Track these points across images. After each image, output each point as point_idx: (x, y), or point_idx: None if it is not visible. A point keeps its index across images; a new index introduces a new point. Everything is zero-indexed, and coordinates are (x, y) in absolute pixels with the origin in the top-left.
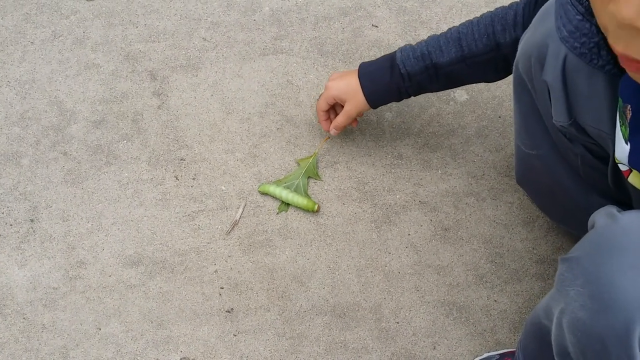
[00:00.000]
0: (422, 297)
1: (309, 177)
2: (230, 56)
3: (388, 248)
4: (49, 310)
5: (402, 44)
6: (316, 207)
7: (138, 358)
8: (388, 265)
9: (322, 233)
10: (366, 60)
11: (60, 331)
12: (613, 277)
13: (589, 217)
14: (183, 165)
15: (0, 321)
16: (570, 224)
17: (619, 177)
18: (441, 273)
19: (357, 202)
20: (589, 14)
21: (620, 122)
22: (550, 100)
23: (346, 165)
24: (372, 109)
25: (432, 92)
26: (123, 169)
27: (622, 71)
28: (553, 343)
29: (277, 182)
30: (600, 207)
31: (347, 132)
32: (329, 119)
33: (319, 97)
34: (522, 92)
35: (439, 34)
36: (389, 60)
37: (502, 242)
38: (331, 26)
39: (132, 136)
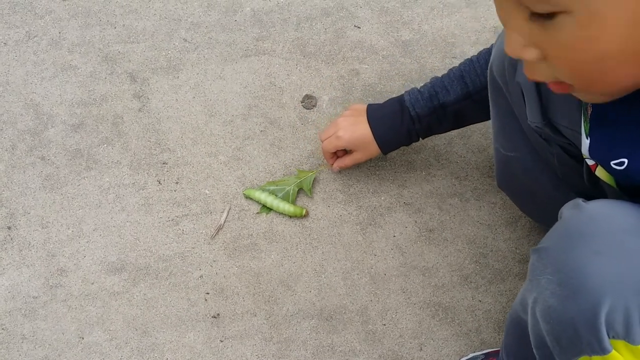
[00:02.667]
0: (408, 298)
1: (300, 188)
2: (212, 57)
3: (374, 250)
4: (29, 320)
5: (384, 45)
6: (304, 212)
7: None
8: (374, 267)
9: (307, 236)
10: (349, 59)
11: (42, 341)
12: (579, 263)
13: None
14: (165, 169)
15: None
16: (551, 224)
17: (593, 175)
18: (426, 274)
19: (342, 205)
20: None
21: (583, 118)
22: (525, 101)
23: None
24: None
25: (440, 133)
26: (104, 174)
27: None
28: (530, 335)
29: (268, 183)
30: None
31: None
32: (335, 155)
33: (324, 132)
34: (498, 95)
35: (440, 76)
36: (398, 104)
37: (486, 242)
38: (313, 27)
39: (112, 140)
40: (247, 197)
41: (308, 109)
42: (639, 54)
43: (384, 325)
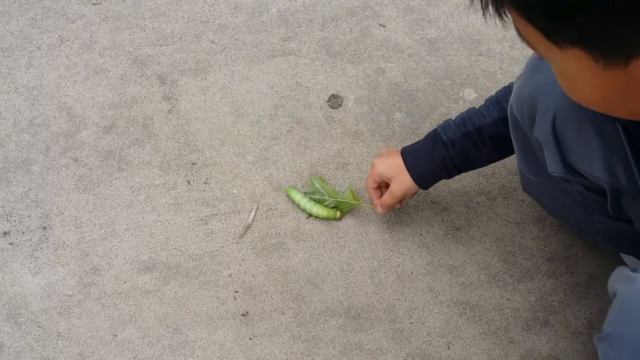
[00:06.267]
0: (436, 297)
1: (335, 206)
2: (239, 59)
3: (400, 249)
4: (64, 318)
5: (410, 43)
6: (338, 214)
7: None
8: (401, 265)
9: (334, 235)
10: (374, 58)
11: (76, 339)
12: None
13: (593, 229)
14: (194, 170)
15: (15, 330)
16: (577, 231)
17: (619, 206)
18: (454, 272)
19: (369, 204)
20: None
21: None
22: (544, 152)
23: (357, 166)
24: (422, 190)
25: (481, 163)
26: (135, 175)
27: (610, 116)
28: None
29: (319, 179)
30: (602, 224)
31: (358, 134)
32: (381, 193)
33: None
34: (518, 129)
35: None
36: (431, 134)
37: (514, 240)
38: (339, 26)
39: (142, 141)
40: (287, 194)
41: (334, 108)
42: (621, 100)
43: (412, 323)
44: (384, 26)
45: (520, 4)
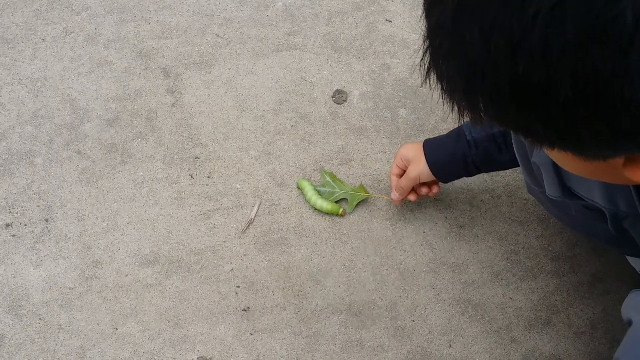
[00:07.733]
0: (438, 295)
1: (343, 199)
2: (244, 53)
3: (403, 246)
4: (65, 311)
5: (416, 39)
6: (341, 210)
7: (155, 358)
8: (403, 263)
9: (337, 231)
10: (380, 54)
11: (77, 332)
12: None
13: (596, 236)
14: (198, 164)
15: (17, 322)
16: (580, 234)
17: (621, 226)
18: (457, 271)
19: (372, 200)
20: None
21: None
22: (543, 176)
23: (361, 162)
24: (443, 183)
25: (501, 166)
26: (138, 168)
27: None
28: None
29: (331, 175)
30: (605, 232)
31: (362, 130)
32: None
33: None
34: (520, 146)
35: None
36: (455, 131)
37: (518, 239)
38: (345, 21)
39: (146, 135)
40: (298, 185)
41: (339, 104)
42: (608, 176)
43: (413, 321)
44: (390, 22)
45: (497, 121)
